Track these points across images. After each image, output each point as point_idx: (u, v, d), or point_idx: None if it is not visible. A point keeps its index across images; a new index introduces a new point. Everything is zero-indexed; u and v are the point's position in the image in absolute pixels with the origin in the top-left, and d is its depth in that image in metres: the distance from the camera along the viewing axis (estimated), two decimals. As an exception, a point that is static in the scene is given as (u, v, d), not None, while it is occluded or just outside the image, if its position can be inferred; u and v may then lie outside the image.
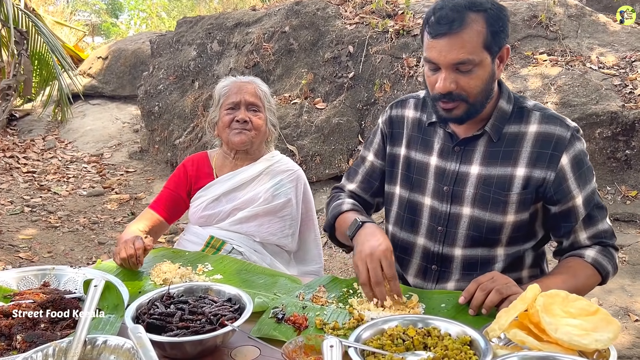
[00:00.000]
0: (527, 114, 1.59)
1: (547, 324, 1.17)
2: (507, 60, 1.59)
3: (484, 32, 1.44)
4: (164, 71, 6.34)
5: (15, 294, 1.53)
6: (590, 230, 1.59)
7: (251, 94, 2.10)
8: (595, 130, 4.07)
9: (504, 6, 1.52)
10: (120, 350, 1.19)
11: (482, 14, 1.44)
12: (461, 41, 1.42)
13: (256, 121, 2.09)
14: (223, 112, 2.10)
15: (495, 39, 1.46)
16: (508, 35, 1.53)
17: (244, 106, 2.08)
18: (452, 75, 1.46)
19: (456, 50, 1.43)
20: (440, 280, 1.72)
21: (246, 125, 2.06)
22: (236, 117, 2.06)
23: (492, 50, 1.47)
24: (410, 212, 1.73)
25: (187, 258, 1.89)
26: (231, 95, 2.09)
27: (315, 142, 4.90)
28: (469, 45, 1.43)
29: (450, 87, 1.47)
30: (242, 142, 2.07)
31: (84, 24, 17.51)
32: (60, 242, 4.53)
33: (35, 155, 6.65)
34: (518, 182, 1.56)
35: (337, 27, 5.32)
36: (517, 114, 1.60)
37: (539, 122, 1.57)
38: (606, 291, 3.42)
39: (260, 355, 1.31)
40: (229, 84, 2.14)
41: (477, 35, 1.43)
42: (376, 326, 1.30)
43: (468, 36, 1.42)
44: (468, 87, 1.48)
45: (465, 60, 1.44)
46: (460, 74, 1.46)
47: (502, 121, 1.59)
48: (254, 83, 2.15)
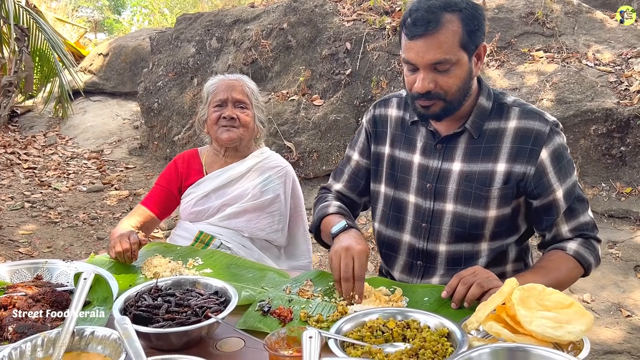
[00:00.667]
0: (506, 110, 1.62)
1: (522, 317, 1.20)
2: (503, 57, 1.62)
3: (459, 31, 1.46)
4: (164, 68, 6.37)
5: (8, 287, 1.56)
6: (572, 222, 1.62)
7: (238, 92, 2.13)
8: (590, 127, 4.08)
9: (479, 5, 1.55)
10: (107, 341, 1.22)
11: (457, 14, 1.46)
12: (437, 42, 1.45)
13: (244, 118, 2.12)
14: (211, 110, 2.13)
15: (472, 38, 1.49)
16: (484, 34, 1.55)
17: (231, 103, 2.11)
18: (430, 75, 1.49)
19: (433, 51, 1.45)
20: (425, 275, 1.75)
21: (234, 122, 2.10)
22: (223, 114, 2.09)
23: (469, 48, 1.49)
24: (395, 209, 1.76)
25: (179, 253, 1.92)
26: (219, 93, 2.12)
27: (313, 138, 4.93)
28: (446, 46, 1.45)
29: (429, 87, 1.50)
30: (230, 139, 2.10)
31: (86, 20, 17.55)
32: (59, 237, 4.57)
33: (36, 151, 6.69)
34: (499, 178, 1.58)
35: (335, 24, 5.34)
36: (497, 110, 1.62)
37: (518, 118, 1.59)
38: (599, 287, 3.45)
39: (245, 346, 1.34)
40: (216, 82, 2.17)
41: (453, 35, 1.46)
42: (357, 319, 1.34)
43: (444, 36, 1.45)
44: (446, 86, 1.51)
45: (442, 60, 1.46)
46: (438, 73, 1.49)
47: (482, 118, 1.62)
48: (242, 81, 2.18)
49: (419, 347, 1.20)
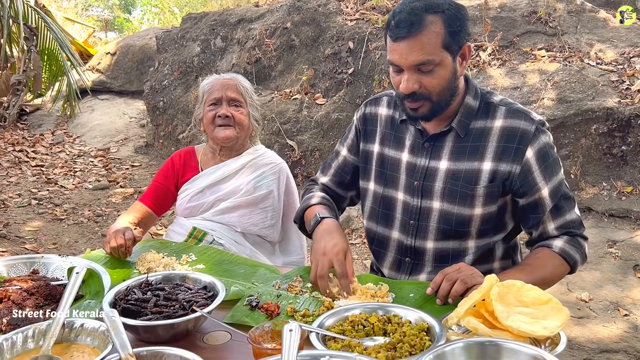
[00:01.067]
0: (493, 109, 1.64)
1: (499, 312, 1.22)
2: (505, 56, 1.65)
3: (442, 33, 1.48)
4: (169, 67, 6.43)
5: (4, 281, 1.60)
6: (558, 220, 1.63)
7: (233, 90, 2.17)
8: (591, 126, 4.08)
9: (462, 6, 1.56)
10: (96, 333, 1.26)
11: (439, 15, 1.48)
12: (420, 43, 1.47)
13: (238, 116, 2.16)
14: (206, 109, 2.17)
15: (455, 39, 1.51)
16: (468, 34, 1.57)
17: (225, 102, 2.15)
18: (415, 76, 1.52)
19: (416, 52, 1.48)
20: (413, 272, 1.77)
21: (229, 120, 2.13)
22: (218, 113, 2.13)
23: (452, 49, 1.51)
24: (384, 207, 1.79)
25: (173, 248, 1.96)
26: (213, 92, 2.16)
27: (315, 137, 4.96)
28: (428, 47, 1.47)
29: (413, 88, 1.53)
30: (227, 137, 2.14)
31: (97, 19, 17.68)
32: (65, 234, 4.64)
33: (43, 149, 6.78)
34: (485, 176, 1.61)
35: (338, 23, 5.36)
36: (483, 109, 1.64)
37: (504, 117, 1.61)
38: (597, 286, 3.45)
39: (231, 340, 1.38)
40: (211, 81, 2.21)
41: (436, 36, 1.48)
42: (340, 313, 1.37)
43: (427, 38, 1.47)
44: (431, 86, 1.53)
45: (425, 61, 1.49)
46: (422, 74, 1.51)
47: (469, 117, 1.64)
48: (236, 80, 2.22)
49: (398, 341, 1.22)
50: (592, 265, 3.66)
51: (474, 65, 4.65)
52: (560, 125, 4.13)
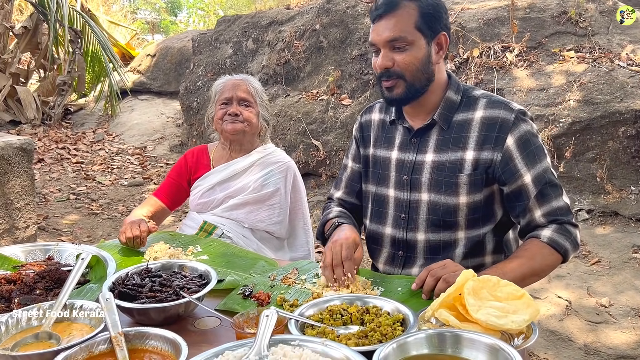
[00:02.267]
0: (474, 102, 1.70)
1: (470, 306, 1.26)
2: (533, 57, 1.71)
3: (415, 14, 1.60)
4: (203, 68, 6.62)
5: (22, 265, 1.74)
6: (545, 207, 1.64)
7: (243, 91, 2.28)
8: (619, 129, 3.98)
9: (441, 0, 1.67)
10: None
11: (414, 1, 1.60)
12: (394, 21, 1.60)
13: (247, 114, 2.26)
14: (218, 107, 2.28)
15: (428, 23, 1.61)
16: (446, 26, 1.67)
17: (236, 101, 2.25)
18: (389, 54, 1.62)
19: (389, 29, 1.60)
20: (406, 265, 1.82)
21: (237, 117, 2.23)
22: (228, 111, 2.23)
23: (425, 32, 1.62)
24: (378, 205, 1.86)
25: (182, 240, 2.07)
26: (225, 92, 2.27)
27: (340, 137, 5.02)
28: (401, 24, 1.59)
29: (387, 64, 1.63)
30: (234, 129, 2.24)
31: (144, 22, 18.23)
32: (99, 227, 4.86)
33: (84, 147, 7.09)
34: (468, 165, 1.66)
35: (366, 24, 5.41)
36: (465, 102, 1.71)
37: (484, 108, 1.67)
38: (619, 291, 3.38)
39: (220, 325, 1.46)
40: (223, 82, 2.31)
41: (409, 16, 1.60)
42: (321, 304, 1.43)
43: (400, 17, 1.60)
44: (403, 64, 1.62)
45: (398, 37, 1.60)
46: (396, 51, 1.62)
47: (451, 110, 1.71)
48: (246, 81, 2.33)
49: (370, 330, 1.28)
50: (615, 270, 3.58)
51: (500, 67, 4.61)
52: (586, 128, 4.05)
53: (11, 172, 4.01)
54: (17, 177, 4.08)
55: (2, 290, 1.53)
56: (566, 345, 3.00)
